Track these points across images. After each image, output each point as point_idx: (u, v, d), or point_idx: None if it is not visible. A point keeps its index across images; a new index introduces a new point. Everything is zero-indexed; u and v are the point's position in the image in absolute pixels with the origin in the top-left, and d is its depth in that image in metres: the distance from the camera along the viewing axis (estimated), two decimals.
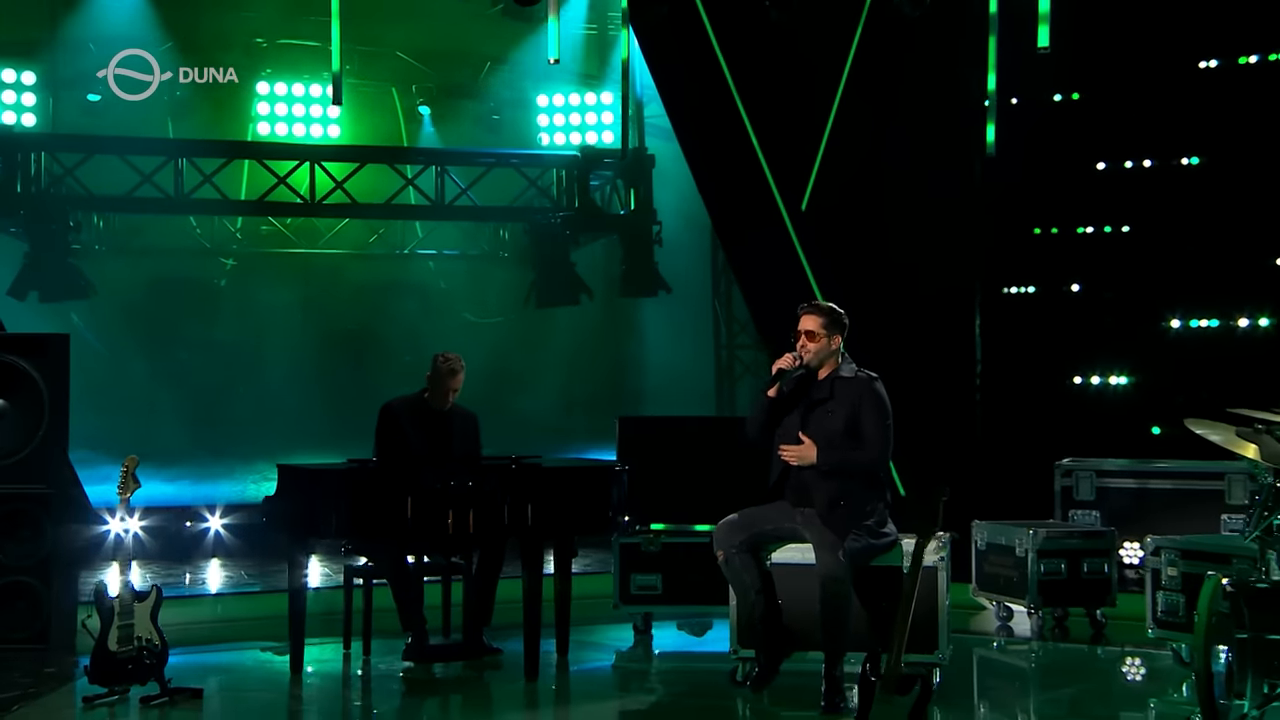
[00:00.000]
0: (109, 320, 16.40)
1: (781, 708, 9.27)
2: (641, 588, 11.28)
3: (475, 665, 10.35)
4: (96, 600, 9.27)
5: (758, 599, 9.31)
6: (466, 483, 9.84)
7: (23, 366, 10.93)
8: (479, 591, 10.58)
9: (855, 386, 9.34)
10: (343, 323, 17.63)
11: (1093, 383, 15.94)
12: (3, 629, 10.71)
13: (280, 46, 17.04)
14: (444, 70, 17.22)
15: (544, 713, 9.66)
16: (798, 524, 9.24)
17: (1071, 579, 11.52)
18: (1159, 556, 10.57)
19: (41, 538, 10.83)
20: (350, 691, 10.19)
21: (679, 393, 17.63)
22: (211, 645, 11.20)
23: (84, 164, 16.40)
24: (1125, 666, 11.06)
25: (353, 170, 16.90)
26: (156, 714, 9.05)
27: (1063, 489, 13.21)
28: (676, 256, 17.73)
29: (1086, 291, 16.08)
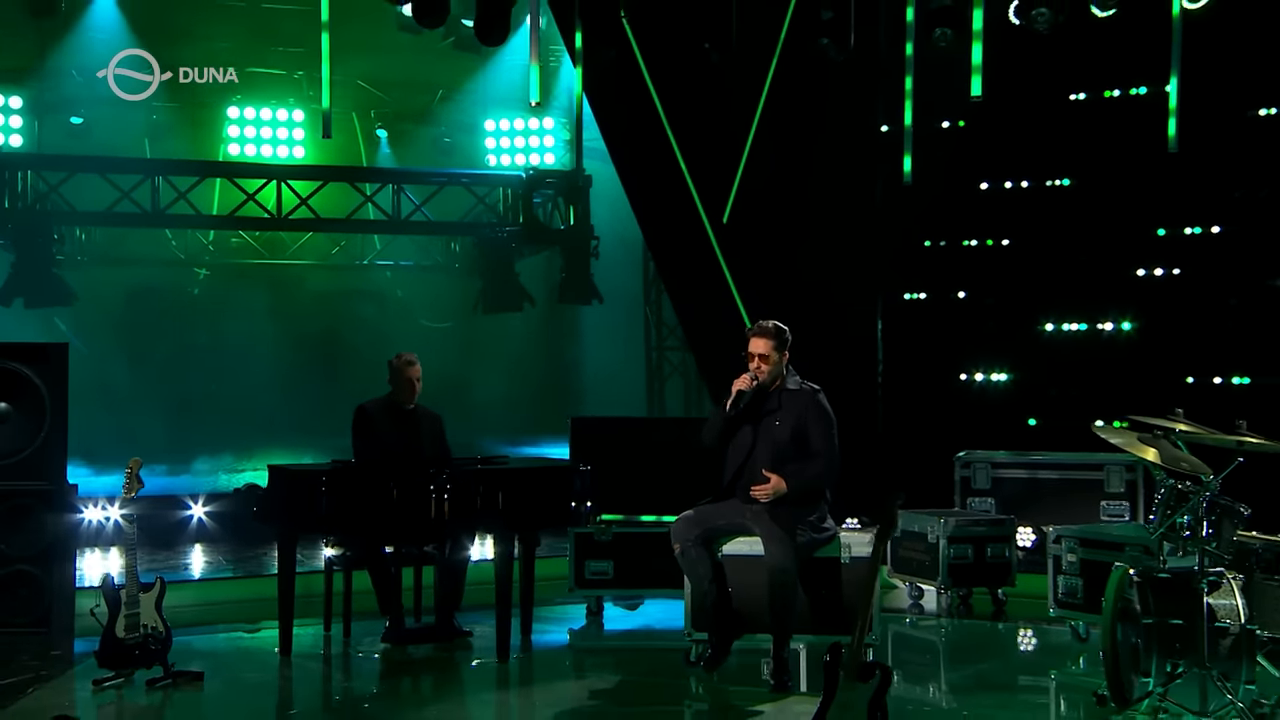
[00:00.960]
0: (92, 325, 16.13)
1: (733, 685, 9.25)
2: (595, 573, 11.23)
3: (447, 647, 10.29)
4: (104, 590, 9.19)
5: (710, 587, 9.33)
6: (444, 482, 9.77)
7: (25, 373, 10.77)
8: (450, 579, 10.49)
9: (801, 399, 9.41)
10: (307, 327, 17.43)
11: (976, 379, 16.06)
12: (7, 615, 10.53)
13: (249, 74, 16.76)
14: (400, 97, 17.10)
15: (518, 692, 9.57)
16: (747, 520, 9.26)
17: (977, 562, 11.55)
18: (1060, 544, 10.62)
19: (43, 530, 10.66)
20: (337, 672, 10.11)
21: (614, 390, 17.60)
22: (195, 628, 10.93)
23: (67, 181, 16.19)
24: (1030, 641, 11.09)
25: (316, 188, 16.80)
26: (161, 695, 8.98)
27: (962, 479, 13.30)
28: (611, 267, 17.67)
29: (971, 298, 16.19)
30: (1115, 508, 12.90)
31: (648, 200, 15.71)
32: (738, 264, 15.69)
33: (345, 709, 9.32)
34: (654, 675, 9.62)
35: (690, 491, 11.01)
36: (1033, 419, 15.71)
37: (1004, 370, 16.06)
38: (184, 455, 15.02)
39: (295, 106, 16.76)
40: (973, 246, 16.05)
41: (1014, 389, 16.02)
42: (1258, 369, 15.30)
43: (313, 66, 16.01)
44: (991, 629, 11.31)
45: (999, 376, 16.05)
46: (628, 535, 11.09)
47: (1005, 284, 16.00)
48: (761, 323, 9.65)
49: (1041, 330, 15.99)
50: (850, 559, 9.52)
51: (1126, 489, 12.95)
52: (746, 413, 9.41)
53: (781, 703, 8.80)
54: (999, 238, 15.93)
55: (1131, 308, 15.72)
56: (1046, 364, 15.96)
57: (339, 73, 16.61)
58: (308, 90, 16.72)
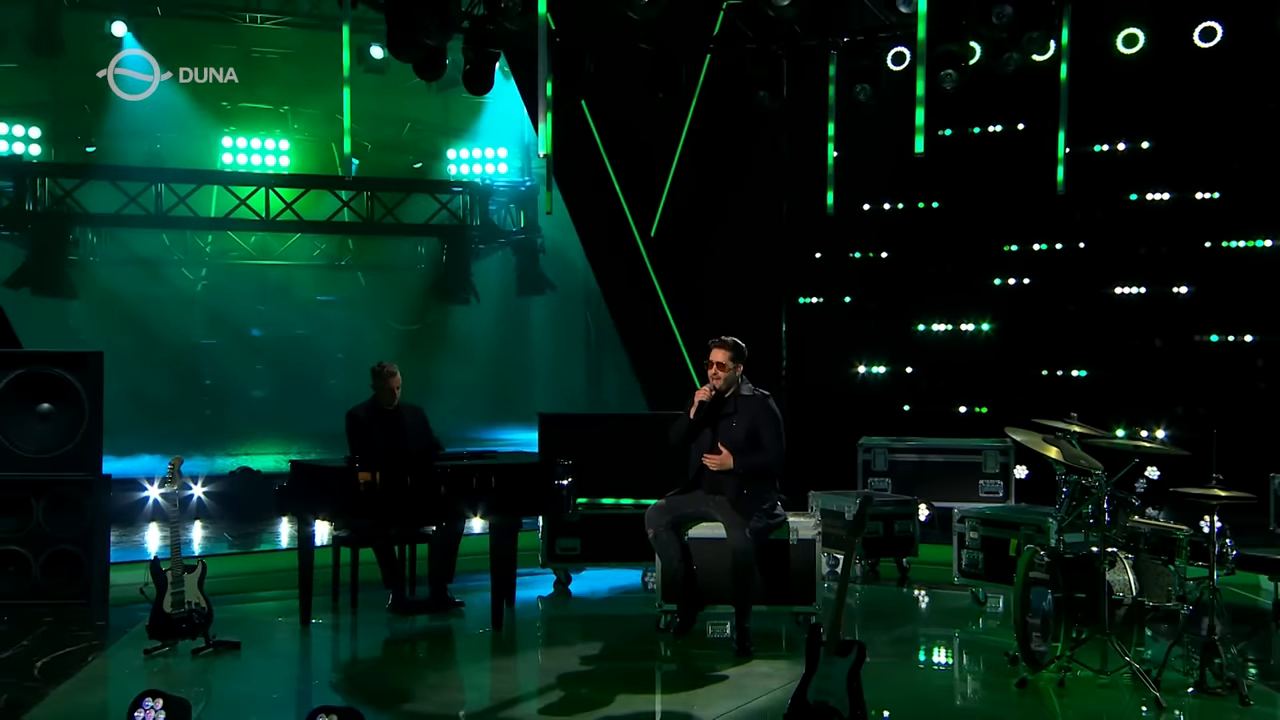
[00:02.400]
0: (100, 319, 15.73)
1: (699, 649, 9.26)
2: (564, 549, 11.14)
3: (443, 616, 10.23)
4: (153, 570, 9.06)
5: (679, 566, 9.36)
6: (447, 474, 9.73)
7: (67, 378, 10.73)
8: (443, 556, 10.40)
9: (753, 403, 9.43)
10: (290, 321, 17.12)
11: (860, 372, 16.20)
12: (53, 589, 10.47)
13: (241, 110, 16.52)
14: (374, 128, 16.84)
15: (519, 656, 9.56)
16: (710, 508, 9.30)
17: (886, 536, 11.68)
18: (964, 523, 10.70)
19: (83, 514, 10.60)
20: (353, 639, 10.03)
21: (559, 377, 17.57)
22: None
23: (80, 187, 15.82)
24: (936, 604, 11.11)
25: (300, 194, 16.55)
26: (204, 662, 8.89)
27: (864, 461, 13.32)
28: (557, 263, 17.58)
29: (856, 302, 16.34)
30: (991, 485, 13.05)
31: (587, 215, 15.68)
32: (663, 272, 15.76)
33: (369, 673, 9.20)
34: (631, 640, 9.58)
35: (644, 477, 11.18)
36: (907, 405, 15.91)
37: (883, 364, 16.25)
38: (188, 440, 14.68)
39: (281, 136, 16.53)
40: (857, 259, 16.22)
41: (891, 380, 16.23)
42: (1093, 364, 15.64)
43: (295, 101, 15.93)
44: (900, 594, 11.41)
45: (879, 369, 16.23)
46: (592, 516, 11.01)
47: (885, 291, 16.18)
48: (723, 337, 9.65)
49: (914, 330, 16.19)
50: (797, 540, 9.59)
51: (1000, 470, 13.10)
52: (707, 417, 9.43)
53: (745, 666, 8.85)
54: (879, 251, 16.09)
55: (989, 311, 15.97)
56: (918, 359, 16.21)
57: (318, 106, 16.53)
58: (291, 122, 16.53)
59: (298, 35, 16.23)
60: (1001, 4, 8.84)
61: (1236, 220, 15.07)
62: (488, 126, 16.74)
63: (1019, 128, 15.45)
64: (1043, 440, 9.08)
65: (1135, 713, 7.95)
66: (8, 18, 14.04)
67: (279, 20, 16.18)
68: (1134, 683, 8.13)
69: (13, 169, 15.29)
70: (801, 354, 15.90)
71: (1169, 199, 15.14)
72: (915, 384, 16.10)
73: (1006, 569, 10.28)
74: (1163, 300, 15.45)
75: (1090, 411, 14.74)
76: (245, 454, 15.08)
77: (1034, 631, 8.51)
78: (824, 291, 16.29)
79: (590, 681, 8.68)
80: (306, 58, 16.33)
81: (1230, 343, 15.29)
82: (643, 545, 10.69)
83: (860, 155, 14.85)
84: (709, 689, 8.38)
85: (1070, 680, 8.23)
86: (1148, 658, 8.39)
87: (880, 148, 14.42)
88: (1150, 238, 15.24)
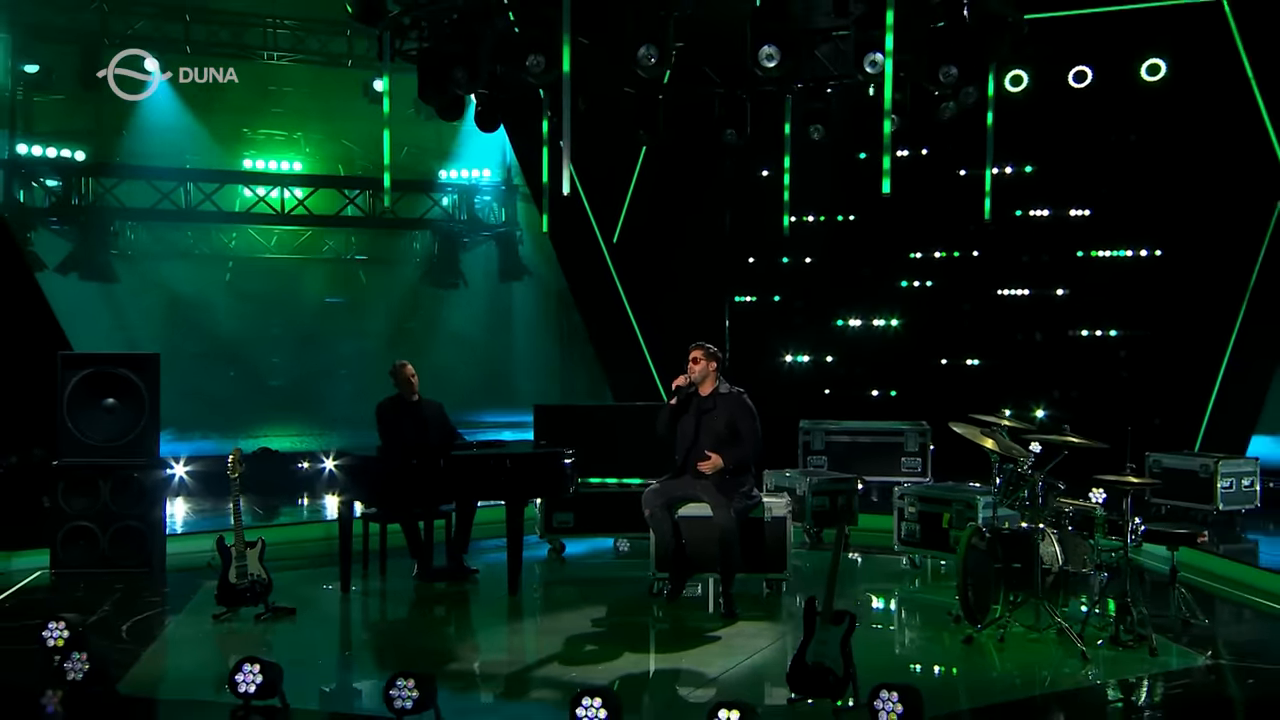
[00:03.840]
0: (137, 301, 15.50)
1: (689, 612, 9.34)
2: (559, 522, 11.17)
3: (461, 583, 10.20)
4: (219, 547, 9.05)
5: (671, 540, 9.41)
6: (471, 463, 9.81)
7: (130, 377, 10.68)
8: (461, 531, 10.40)
9: (731, 399, 9.46)
10: (300, 309, 16.91)
11: (786, 360, 16.32)
12: (120, 558, 10.44)
13: (259, 135, 16.31)
14: (376, 152, 16.60)
15: (536, 619, 9.55)
16: (697, 491, 9.33)
17: (831, 508, 11.61)
18: (904, 500, 10.81)
19: (144, 494, 10.58)
20: (389, 604, 10.04)
21: (535, 350, 17.52)
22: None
23: (119, 186, 15.54)
24: (879, 567, 11.05)
25: (310, 192, 16.32)
26: (265, 626, 8.87)
27: (804, 442, 13.39)
28: (534, 253, 17.50)
29: (784, 301, 16.42)
30: (912, 462, 13.26)
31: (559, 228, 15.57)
32: (624, 274, 15.78)
33: (414, 635, 9.24)
34: (630, 604, 9.59)
35: (626, 460, 11.24)
36: (827, 390, 16.04)
37: (807, 354, 16.34)
38: (218, 423, 14.50)
39: (294, 159, 16.36)
40: (786, 263, 16.29)
41: (814, 368, 16.32)
42: (984, 354, 15.88)
43: (305, 128, 15.82)
44: (844, 559, 11.20)
45: (804, 358, 16.32)
46: (584, 494, 10.91)
47: (809, 291, 16.25)
48: (701, 341, 9.67)
49: (834, 325, 16.27)
50: (771, 518, 9.66)
51: (919, 449, 13.32)
52: (691, 411, 9.43)
53: (733, 627, 8.90)
54: (803, 257, 16.18)
55: (897, 309, 16.12)
56: (837, 349, 16.29)
57: (325, 132, 16.37)
58: (304, 146, 16.39)
59: (308, 71, 16.08)
60: (947, 66, 8.96)
61: (1104, 234, 15.33)
62: (473, 150, 16.61)
63: (923, 153, 15.63)
64: (980, 433, 9.31)
65: (1062, 663, 8.05)
66: (58, 56, 13.82)
67: (293, 58, 16.00)
68: (1060, 638, 8.28)
69: (60, 169, 15.09)
70: (739, 345, 15.91)
71: (1048, 215, 15.38)
72: (835, 371, 16.22)
73: (939, 538, 10.53)
74: (1042, 301, 15.70)
75: (981, 395, 15.17)
76: (264, 436, 14.96)
77: (972, 594, 8.57)
78: (757, 292, 16.33)
79: (602, 641, 8.74)
80: (315, 90, 16.23)
81: (1098, 337, 15.56)
82: (625, 518, 10.88)
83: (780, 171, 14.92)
84: (706, 648, 8.42)
85: (1008, 636, 8.36)
86: (1072, 617, 8.50)
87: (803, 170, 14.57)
88: (1032, 248, 15.47)
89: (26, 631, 8.48)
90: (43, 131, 15.14)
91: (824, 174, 14.48)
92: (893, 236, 15.86)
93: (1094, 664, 7.99)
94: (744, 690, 7.60)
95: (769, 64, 8.41)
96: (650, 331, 15.82)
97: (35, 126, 15.13)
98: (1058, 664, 8.06)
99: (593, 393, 16.06)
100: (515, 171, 16.74)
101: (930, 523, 10.55)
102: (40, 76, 14.89)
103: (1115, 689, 7.70)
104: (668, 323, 15.66)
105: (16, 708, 7.32)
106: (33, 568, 10.55)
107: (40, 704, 7.31)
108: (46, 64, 14.78)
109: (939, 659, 8.40)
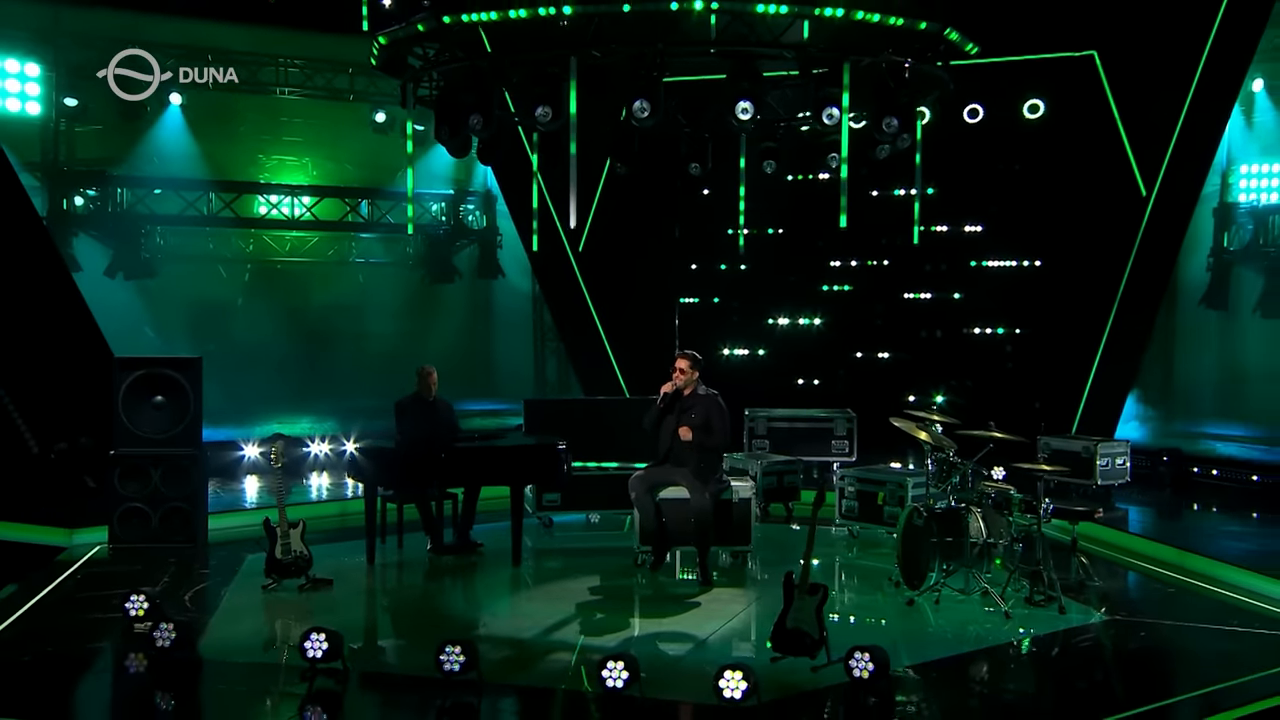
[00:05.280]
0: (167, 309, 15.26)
1: (669, 579, 9.49)
2: (548, 501, 11.20)
3: (469, 555, 10.19)
4: (266, 527, 9.10)
5: (653, 519, 9.51)
6: (477, 453, 9.89)
7: (177, 377, 10.65)
8: (469, 510, 10.44)
9: (707, 400, 9.54)
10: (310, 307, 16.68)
11: (725, 354, 16.41)
12: (169, 535, 10.41)
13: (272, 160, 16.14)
14: (375, 174, 16.48)
15: (540, 588, 9.49)
16: (677, 477, 9.44)
17: (779, 486, 11.76)
18: (844, 480, 10.97)
19: (189, 480, 10.55)
20: (408, 574, 10.03)
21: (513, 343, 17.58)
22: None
23: (149, 195, 15.26)
24: (821, 537, 10.30)
25: (317, 200, 16.13)
26: (307, 595, 8.93)
27: (749, 428, 13.44)
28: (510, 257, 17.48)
29: (723, 302, 16.48)
30: (840, 444, 13.37)
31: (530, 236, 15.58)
32: (589, 279, 15.81)
33: (435, 600, 9.32)
34: (618, 572, 9.67)
35: (606, 447, 11.28)
36: (760, 380, 16.06)
37: (743, 348, 16.46)
38: (233, 409, 14.33)
39: (302, 179, 16.19)
40: (724, 269, 16.38)
41: (748, 360, 16.37)
42: (893, 349, 16.07)
43: (312, 155, 15.76)
44: (790, 530, 11.46)
45: (740, 352, 16.39)
46: (573, 476, 10.82)
47: (744, 294, 16.34)
48: (687, 350, 9.77)
49: (766, 323, 16.36)
50: (737, 499, 9.77)
51: (847, 434, 13.52)
52: (671, 408, 9.52)
53: (710, 593, 9.02)
54: (738, 264, 16.24)
55: (820, 310, 16.26)
56: (768, 344, 16.38)
57: (330, 158, 16.27)
58: (311, 170, 16.24)
59: (315, 104, 15.92)
60: (890, 117, 9.21)
61: (993, 247, 15.54)
62: (459, 172, 16.57)
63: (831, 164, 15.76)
64: (916, 426, 9.55)
65: (987, 619, 8.29)
66: (95, 91, 13.56)
67: (301, 92, 15.82)
68: (984, 599, 8.54)
69: (98, 181, 14.90)
70: (686, 341, 15.83)
71: (946, 230, 15.53)
72: (766, 363, 16.31)
73: (875, 513, 10.70)
74: (942, 304, 15.92)
75: (891, 384, 15.49)
76: (278, 422, 14.89)
77: (910, 563, 8.79)
78: (700, 294, 16.38)
79: (602, 608, 8.84)
80: (321, 121, 16.10)
81: (988, 335, 15.77)
82: (606, 497, 11.01)
83: (717, 188, 15.07)
84: (691, 613, 8.54)
85: (942, 599, 8.61)
86: (994, 581, 8.76)
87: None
88: (934, 258, 15.62)
89: (102, 601, 8.57)
90: (82, 157, 14.88)
91: (759, 194, 14.60)
92: (816, 247, 15.98)
93: (1014, 621, 8.23)
94: (732, 649, 7.80)
95: (744, 116, 8.59)
96: (611, 329, 15.86)
97: (76, 153, 14.85)
98: (984, 621, 8.27)
99: (562, 383, 16.04)
100: (493, 184, 16.67)
101: (867, 500, 10.73)
102: (79, 109, 14.61)
103: (1032, 643, 7.93)
104: (626, 321, 15.80)
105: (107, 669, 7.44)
106: (92, 543, 10.50)
107: (125, 666, 7.37)
108: (84, 99, 14.50)
109: (889, 618, 8.56)
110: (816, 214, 15.55)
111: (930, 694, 7.01)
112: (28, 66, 14.32)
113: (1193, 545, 10.36)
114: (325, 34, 14.89)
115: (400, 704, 6.90)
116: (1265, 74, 14.32)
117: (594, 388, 15.52)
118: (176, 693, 7.00)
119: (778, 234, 16.19)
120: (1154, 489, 13.38)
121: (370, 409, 13.71)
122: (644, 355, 15.41)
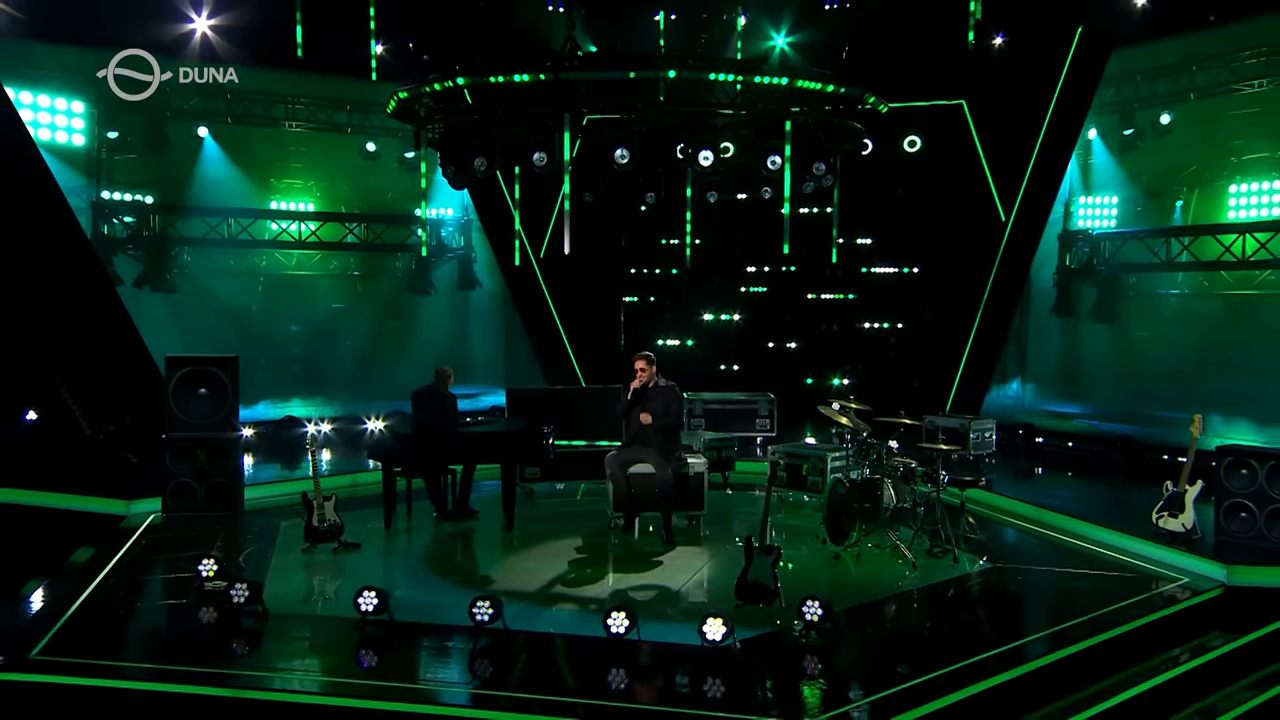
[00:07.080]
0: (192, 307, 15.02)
1: (639, 540, 9.58)
2: (530, 474, 11.13)
3: (467, 521, 10.21)
4: (304, 499, 9.18)
5: (625, 490, 9.62)
6: (476, 437, 9.99)
7: (217, 373, 10.62)
8: (466, 482, 10.48)
9: (665, 390, 9.67)
10: (316, 315, 16.60)
11: (661, 344, 16.54)
12: (214, 506, 10.43)
13: (283, 183, 15.96)
14: (367, 196, 16.37)
15: (533, 549, 9.39)
16: (644, 456, 9.57)
17: (719, 460, 11.66)
18: (775, 454, 11.08)
19: (229, 459, 10.55)
20: (419, 537, 9.95)
21: (487, 339, 17.48)
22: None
23: (178, 220, 15.03)
24: (756, 504, 10.74)
25: (320, 225, 15.98)
26: (339, 557, 9.01)
27: (688, 409, 13.51)
28: (484, 269, 17.36)
29: (659, 300, 16.54)
30: (763, 422, 13.68)
31: (501, 246, 15.61)
32: (549, 282, 15.80)
33: (452, 560, 9.33)
34: (595, 535, 9.73)
35: (579, 428, 11.25)
36: (689, 366, 16.35)
37: (675, 339, 16.54)
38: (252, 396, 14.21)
39: (308, 201, 16.05)
40: (659, 274, 16.48)
41: (681, 350, 16.39)
42: (800, 339, 16.27)
43: (316, 179, 15.63)
44: (728, 496, 11.37)
45: (674, 343, 16.40)
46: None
47: (677, 294, 16.41)
48: (645, 351, 9.88)
49: (695, 318, 16.44)
50: (693, 473, 9.88)
51: (768, 414, 13.85)
52: (637, 398, 9.66)
53: (674, 551, 9.19)
54: (670, 269, 16.35)
55: (739, 307, 16.41)
56: (697, 336, 16.44)
57: (330, 182, 16.19)
58: (315, 191, 16.11)
59: (320, 136, 15.81)
60: (819, 162, 9.56)
61: (880, 255, 15.89)
62: (443, 194, 16.55)
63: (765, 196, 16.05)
64: (838, 411, 9.99)
65: (898, 570, 8.62)
66: (130, 124, 13.37)
67: (307, 126, 15.71)
68: (895, 553, 8.88)
69: (134, 209, 14.68)
70: (629, 334, 16.04)
71: (843, 242, 15.89)
72: (694, 352, 16.38)
73: (800, 481, 10.85)
74: (839, 303, 16.19)
75: (797, 369, 15.86)
76: (289, 406, 14.86)
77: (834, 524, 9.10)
78: (640, 294, 16.41)
79: (587, 564, 8.92)
80: (324, 151, 15.99)
81: (875, 329, 16.13)
82: (572, 469, 11.03)
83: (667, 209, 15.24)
84: (660, 569, 8.70)
85: (862, 554, 8.96)
86: (903, 539, 9.07)
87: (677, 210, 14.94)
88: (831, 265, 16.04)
89: (170, 563, 8.66)
90: (120, 182, 14.62)
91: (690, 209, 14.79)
92: (736, 255, 16.15)
93: (919, 571, 8.59)
94: (705, 597, 7.97)
95: (705, 163, 8.86)
96: (568, 324, 15.89)
97: (115, 178, 14.60)
98: (895, 570, 8.62)
99: (529, 372, 16.11)
100: (470, 209, 16.71)
101: (794, 470, 10.90)
102: (119, 140, 14.35)
103: (935, 588, 8.29)
104: (580, 317, 15.90)
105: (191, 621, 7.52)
106: (146, 512, 10.45)
107: (198, 617, 7.49)
108: (123, 131, 14.24)
109: (818, 569, 8.77)
110: (738, 229, 15.94)
111: (858, 630, 7.36)
112: (74, 104, 14.09)
113: (1044, 502, 10.70)
114: (328, 76, 14.73)
115: (441, 649, 7.00)
116: (1098, 125, 14.92)
117: (555, 374, 15.64)
118: (251, 640, 7.09)
119: (706, 244, 16.40)
120: (1012, 457, 13.79)
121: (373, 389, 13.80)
122: (594, 346, 15.67)
